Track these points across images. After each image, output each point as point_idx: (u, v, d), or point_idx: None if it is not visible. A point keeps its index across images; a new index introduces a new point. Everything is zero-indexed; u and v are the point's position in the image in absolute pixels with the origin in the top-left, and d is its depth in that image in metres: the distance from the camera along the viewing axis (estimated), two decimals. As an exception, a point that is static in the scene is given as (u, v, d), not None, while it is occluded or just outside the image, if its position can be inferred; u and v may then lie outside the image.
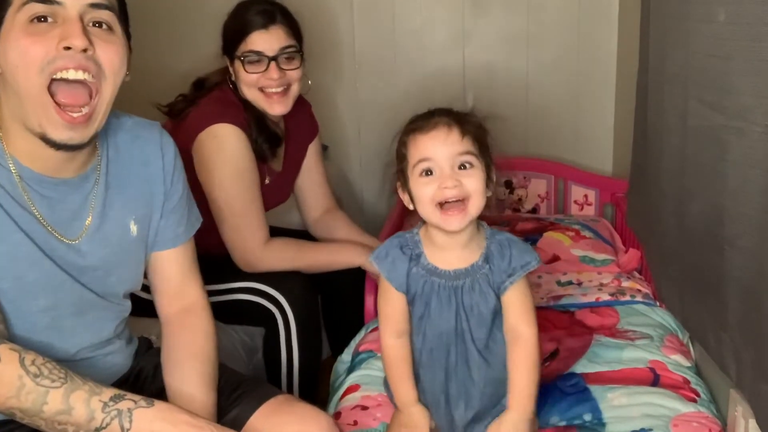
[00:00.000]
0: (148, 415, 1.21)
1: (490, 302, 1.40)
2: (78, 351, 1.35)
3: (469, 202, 1.34)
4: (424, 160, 1.34)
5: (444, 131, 1.34)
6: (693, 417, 1.54)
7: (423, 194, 1.35)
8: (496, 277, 1.39)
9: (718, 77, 1.38)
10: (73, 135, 1.22)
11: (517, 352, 1.41)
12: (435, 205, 1.34)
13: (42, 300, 1.28)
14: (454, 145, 1.33)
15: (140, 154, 1.40)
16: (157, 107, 2.02)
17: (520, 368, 1.41)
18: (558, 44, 2.66)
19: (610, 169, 2.74)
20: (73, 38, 1.18)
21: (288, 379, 1.95)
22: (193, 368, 1.41)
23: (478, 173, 1.35)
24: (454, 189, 1.32)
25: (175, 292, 1.49)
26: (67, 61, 1.19)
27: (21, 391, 1.16)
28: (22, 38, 1.17)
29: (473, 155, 1.35)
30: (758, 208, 1.28)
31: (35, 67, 1.18)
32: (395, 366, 1.47)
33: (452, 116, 1.37)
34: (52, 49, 1.18)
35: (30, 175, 1.26)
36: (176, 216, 1.46)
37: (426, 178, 1.34)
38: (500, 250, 1.40)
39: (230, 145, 1.89)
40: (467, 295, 1.40)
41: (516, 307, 1.41)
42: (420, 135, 1.36)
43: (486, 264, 1.40)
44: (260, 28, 1.90)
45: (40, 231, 1.27)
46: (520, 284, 1.40)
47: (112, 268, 1.37)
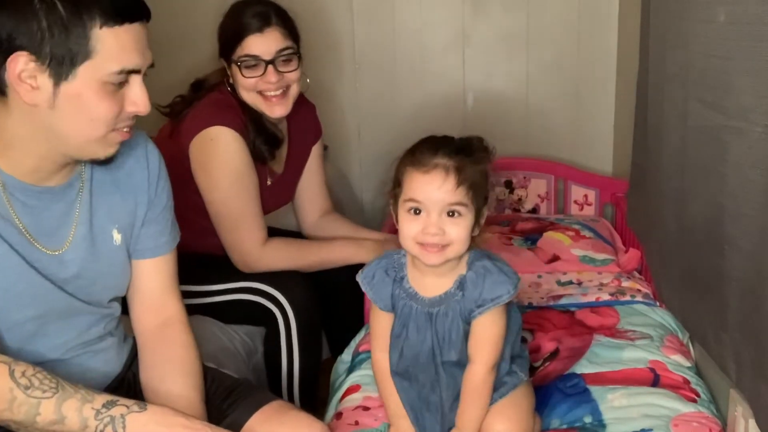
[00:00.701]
0: (141, 420, 1.21)
1: (460, 329, 1.40)
2: (66, 350, 1.35)
3: (449, 248, 1.33)
4: (413, 200, 1.33)
5: (440, 177, 1.31)
6: (693, 417, 1.54)
7: (407, 230, 1.35)
8: (467, 305, 1.38)
9: (718, 77, 1.38)
10: (115, 149, 1.28)
11: (467, 377, 1.42)
12: (415, 242, 1.34)
13: (30, 310, 1.28)
14: (447, 194, 1.31)
15: (125, 163, 1.39)
16: (156, 107, 2.02)
17: (466, 393, 1.42)
18: (558, 44, 2.66)
19: (610, 169, 2.74)
20: (143, 107, 1.25)
21: (288, 380, 1.95)
22: (175, 382, 1.40)
23: (464, 222, 1.33)
24: (436, 237, 1.32)
25: (153, 305, 1.47)
26: (129, 122, 1.27)
27: (13, 403, 1.15)
28: (103, 98, 1.21)
29: (463, 205, 1.32)
30: (758, 208, 1.28)
31: (106, 126, 1.23)
32: (385, 379, 1.49)
33: (454, 160, 1.32)
34: (121, 110, 1.23)
35: (13, 183, 1.25)
36: (159, 226, 1.45)
37: (412, 216, 1.34)
38: (474, 279, 1.38)
39: (226, 147, 1.88)
40: (441, 320, 1.40)
41: (476, 337, 1.40)
42: (417, 173, 1.33)
43: (459, 291, 1.39)
44: (256, 31, 1.88)
45: (23, 242, 1.26)
46: (488, 316, 1.38)
47: (96, 277, 1.37)
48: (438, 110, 2.69)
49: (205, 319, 1.95)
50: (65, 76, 1.17)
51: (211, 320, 1.97)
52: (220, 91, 1.98)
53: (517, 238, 2.37)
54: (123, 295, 1.46)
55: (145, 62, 1.24)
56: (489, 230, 2.40)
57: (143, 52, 1.23)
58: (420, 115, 2.68)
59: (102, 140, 1.24)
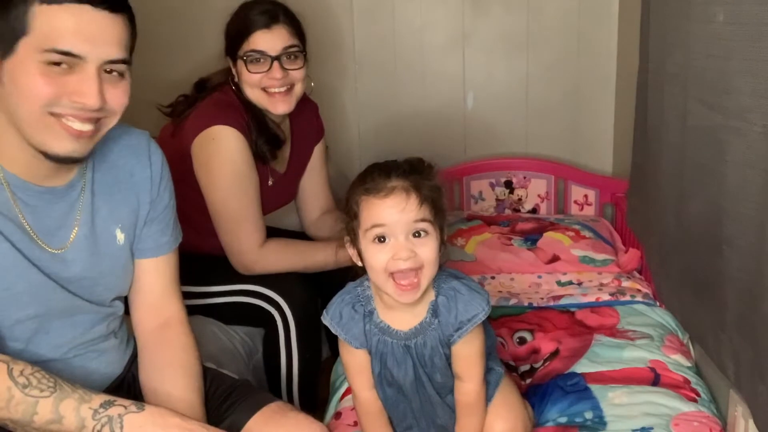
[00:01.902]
0: (138, 420, 1.21)
1: (443, 356, 1.38)
2: (68, 350, 1.35)
3: (422, 272, 1.29)
4: (378, 226, 1.28)
5: (402, 199, 1.27)
6: (693, 416, 1.54)
7: (375, 262, 1.29)
8: (445, 330, 1.35)
9: (717, 77, 1.38)
10: (76, 148, 1.22)
11: (461, 395, 1.41)
12: (388, 274, 1.29)
13: (32, 309, 1.28)
14: (411, 212, 1.27)
15: (127, 163, 1.39)
16: (158, 108, 2.02)
17: (460, 410, 1.42)
18: (558, 44, 2.65)
19: (610, 169, 2.74)
20: (89, 97, 1.19)
21: (288, 381, 1.95)
22: (174, 384, 1.40)
23: (432, 241, 1.29)
24: (408, 261, 1.27)
25: (154, 305, 1.46)
26: (78, 113, 1.20)
27: (10, 402, 1.16)
28: (34, 75, 1.17)
29: (429, 222, 1.29)
30: (757, 208, 1.28)
31: (39, 104, 1.18)
32: (375, 419, 1.46)
33: (410, 180, 1.29)
34: (62, 95, 1.18)
35: (16, 183, 1.25)
36: (160, 225, 1.45)
37: (379, 245, 1.29)
38: (446, 304, 1.35)
39: (228, 147, 1.88)
40: (420, 351, 1.37)
41: (460, 360, 1.38)
42: (375, 199, 1.29)
43: (435, 318, 1.35)
44: (263, 27, 1.89)
45: (25, 240, 1.26)
46: (467, 337, 1.35)
47: (99, 277, 1.37)
48: (438, 110, 2.69)
49: (205, 320, 1.95)
50: (7, 51, 1.17)
51: (212, 320, 1.98)
52: (223, 91, 1.98)
53: (517, 238, 2.37)
54: (125, 294, 1.46)
55: (92, 52, 1.18)
56: (489, 230, 2.40)
57: (91, 39, 1.17)
58: (420, 115, 2.68)
59: (41, 125, 1.19)
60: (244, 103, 1.95)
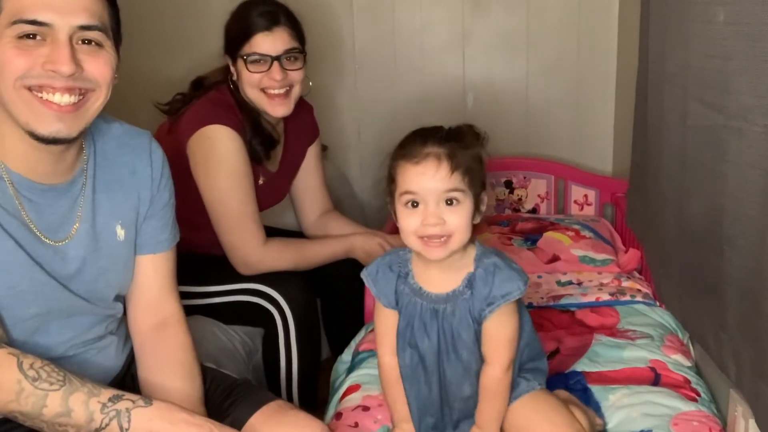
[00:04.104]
0: (146, 415, 1.22)
1: (470, 329, 1.38)
2: (68, 348, 1.36)
3: (452, 238, 1.31)
4: (409, 193, 1.31)
5: (433, 166, 1.30)
6: (693, 416, 1.54)
7: (406, 225, 1.33)
8: (477, 304, 1.36)
9: (717, 77, 1.38)
10: (61, 127, 1.22)
11: (484, 378, 1.41)
12: (417, 237, 1.32)
13: (34, 308, 1.29)
14: (442, 181, 1.29)
15: (128, 162, 1.40)
16: (155, 106, 2.02)
17: (483, 393, 1.41)
18: (558, 44, 2.66)
19: (610, 169, 2.74)
20: (60, 63, 1.19)
21: (287, 380, 1.95)
22: (173, 384, 1.40)
23: (463, 209, 1.32)
24: (436, 227, 1.30)
25: (151, 303, 1.47)
26: (52, 82, 1.20)
27: (20, 395, 1.17)
28: (8, 50, 1.18)
29: (460, 191, 1.31)
30: (758, 208, 1.28)
31: (13, 78, 1.19)
32: (394, 384, 1.47)
33: (445, 147, 1.31)
34: (36, 66, 1.19)
35: (19, 181, 1.26)
36: (159, 222, 1.46)
37: (410, 210, 1.32)
38: (484, 277, 1.36)
39: (223, 146, 1.88)
40: (448, 319, 1.38)
41: (490, 338, 1.38)
42: (409, 165, 1.32)
43: (468, 290, 1.37)
44: (264, 30, 1.89)
45: (29, 238, 1.27)
46: (499, 314, 1.36)
47: (98, 274, 1.37)
48: (438, 110, 2.69)
49: (205, 320, 1.95)
50: None
51: (212, 320, 1.98)
52: (219, 90, 1.98)
53: (517, 238, 2.37)
54: (126, 293, 1.47)
55: (60, 19, 1.18)
56: (489, 230, 2.40)
57: (57, 7, 1.18)
58: (420, 115, 2.67)
59: (22, 103, 1.20)
60: (240, 103, 1.95)
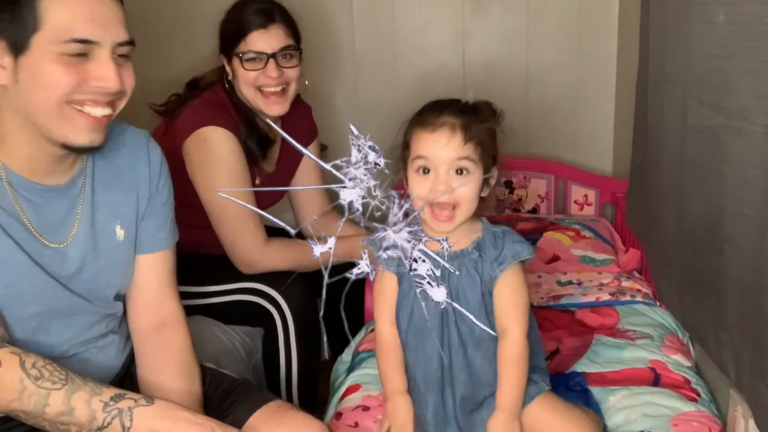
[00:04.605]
0: (148, 413, 1.22)
1: (476, 290, 1.39)
2: (69, 347, 1.36)
3: (458, 208, 1.35)
4: (421, 158, 1.35)
5: (447, 134, 1.34)
6: (693, 416, 1.54)
7: (416, 190, 1.36)
8: (486, 266, 1.39)
9: (717, 77, 1.38)
10: (95, 137, 1.26)
11: (502, 349, 1.41)
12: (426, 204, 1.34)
13: (33, 307, 1.29)
14: (455, 150, 1.33)
15: (127, 161, 1.41)
16: (151, 107, 2.02)
17: (503, 367, 1.41)
18: (558, 44, 2.66)
19: (610, 169, 2.74)
20: (110, 82, 1.23)
21: (287, 380, 1.95)
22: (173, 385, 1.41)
23: (472, 180, 1.35)
24: (444, 195, 1.33)
25: (150, 303, 1.47)
26: (98, 98, 1.24)
27: (23, 394, 1.17)
28: (54, 68, 1.20)
29: (471, 161, 1.34)
30: (758, 208, 1.28)
31: (58, 95, 1.21)
32: (389, 351, 1.47)
33: (460, 118, 1.36)
34: (83, 83, 1.22)
35: (19, 182, 1.27)
36: (158, 221, 1.46)
37: (421, 176, 1.36)
38: (494, 241, 1.40)
39: (220, 147, 1.88)
40: (454, 278, 1.39)
41: (503, 303, 1.40)
42: (424, 132, 1.36)
43: (476, 251, 1.40)
44: (259, 27, 1.89)
45: (29, 238, 1.27)
46: (510, 277, 1.39)
47: (98, 273, 1.38)
48: (438, 110, 2.69)
49: (205, 320, 1.95)
50: (21, 49, 1.19)
51: (212, 321, 1.98)
52: (214, 90, 1.98)
53: (517, 238, 2.36)
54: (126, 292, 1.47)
55: (106, 36, 1.22)
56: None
57: (102, 24, 1.22)
58: (420, 115, 2.68)
59: (61, 117, 1.22)
60: (235, 103, 1.95)
